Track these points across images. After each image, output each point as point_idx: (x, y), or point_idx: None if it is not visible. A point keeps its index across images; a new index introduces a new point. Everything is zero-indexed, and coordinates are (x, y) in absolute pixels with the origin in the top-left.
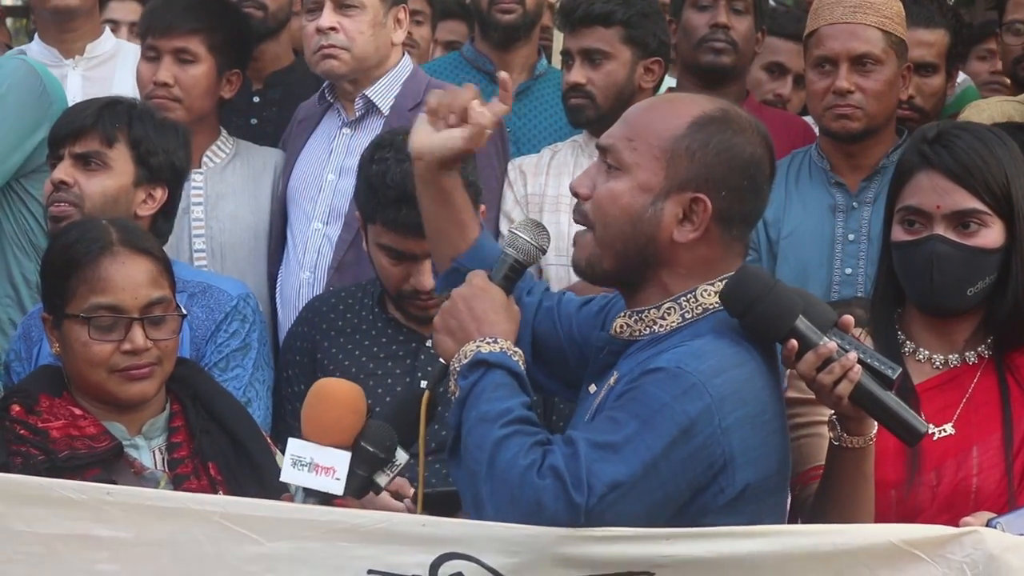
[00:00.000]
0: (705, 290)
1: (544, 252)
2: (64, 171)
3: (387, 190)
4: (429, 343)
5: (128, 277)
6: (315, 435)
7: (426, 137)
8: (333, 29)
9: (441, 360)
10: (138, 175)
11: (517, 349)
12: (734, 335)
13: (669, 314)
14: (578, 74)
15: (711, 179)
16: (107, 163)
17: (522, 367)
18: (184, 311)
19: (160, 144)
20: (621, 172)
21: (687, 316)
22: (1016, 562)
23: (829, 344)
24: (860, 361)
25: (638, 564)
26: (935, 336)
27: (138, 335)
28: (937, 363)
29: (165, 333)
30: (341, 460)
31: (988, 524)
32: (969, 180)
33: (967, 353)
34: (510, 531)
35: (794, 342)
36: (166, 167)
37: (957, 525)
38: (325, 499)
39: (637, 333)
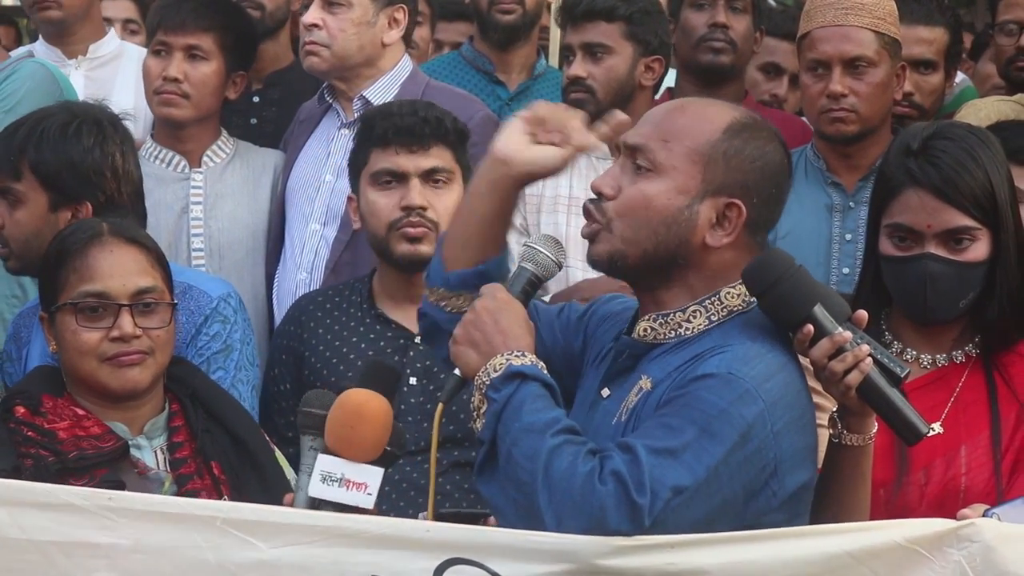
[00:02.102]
0: (728, 292)
1: (561, 267)
2: None
3: (382, 110)
4: (418, 339)
5: (116, 265)
6: (350, 454)
7: (521, 146)
8: (316, 26)
9: (456, 373)
10: (52, 199)
11: (542, 363)
12: (766, 338)
13: (695, 317)
14: (579, 68)
15: (745, 185)
16: (19, 197)
17: (552, 380)
18: (173, 301)
19: (65, 160)
20: (654, 173)
21: (713, 319)
22: (1013, 552)
23: (845, 333)
24: (871, 355)
25: (646, 573)
26: (922, 338)
27: (126, 322)
28: (925, 363)
29: (155, 322)
30: (374, 476)
31: (984, 515)
32: (958, 198)
33: (954, 352)
34: (515, 537)
35: (810, 327)
36: (79, 181)
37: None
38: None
39: (662, 336)
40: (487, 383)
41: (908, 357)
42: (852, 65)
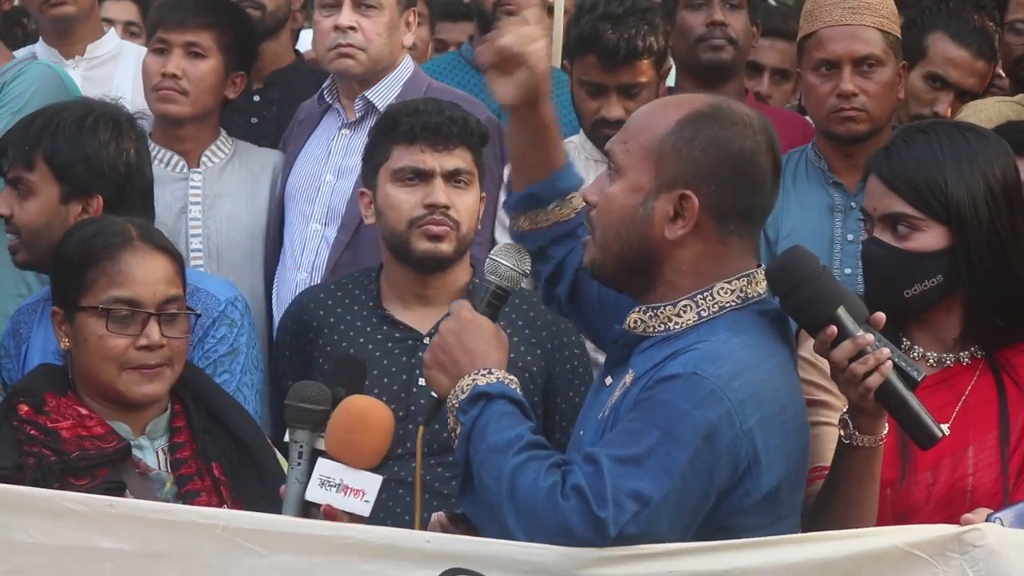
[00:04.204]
0: (722, 288)
1: (527, 275)
2: (3, 201)
3: (407, 106)
4: (427, 340)
5: (147, 272)
6: (351, 460)
7: (506, 89)
8: (352, 28)
9: (434, 395)
10: (64, 191)
11: (512, 377)
12: (750, 335)
13: (685, 312)
14: (618, 109)
15: (698, 174)
16: (31, 187)
17: (520, 394)
18: (197, 311)
19: (80, 152)
20: (617, 175)
21: (703, 314)
22: (1016, 557)
23: (867, 335)
24: (889, 358)
25: None
26: (923, 333)
27: (154, 331)
28: (931, 361)
29: (177, 332)
30: (372, 483)
31: (987, 520)
32: (897, 184)
33: (961, 354)
34: (516, 549)
35: (834, 328)
36: (93, 174)
37: (955, 522)
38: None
39: (651, 329)
40: (456, 406)
41: (915, 355)
42: (862, 64)
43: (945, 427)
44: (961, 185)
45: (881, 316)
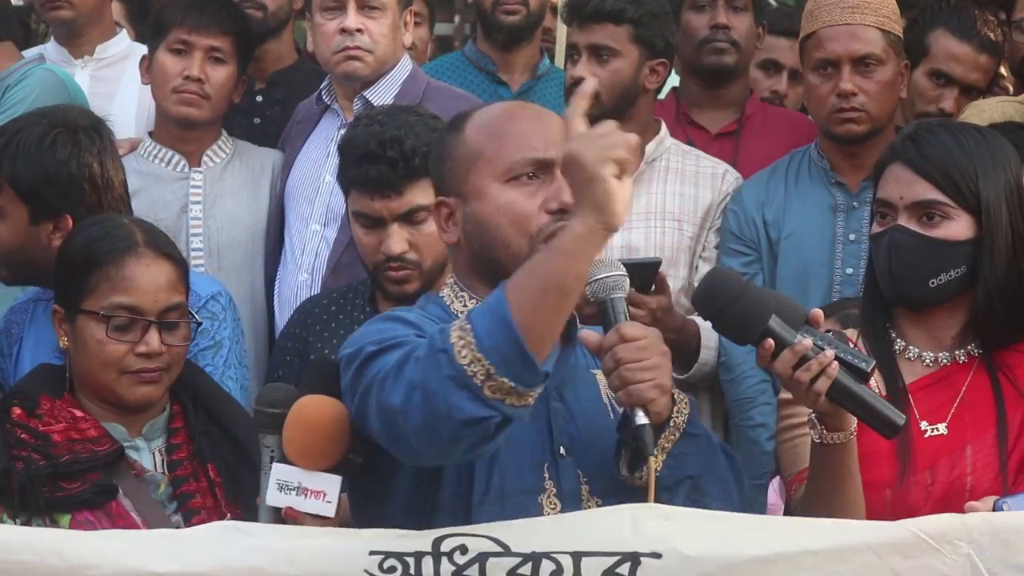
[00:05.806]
0: None
1: None
2: None
3: (353, 150)
4: None
5: (151, 279)
6: (303, 462)
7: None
8: (359, 31)
9: (642, 423)
10: (32, 213)
11: None
12: None
13: None
14: (584, 70)
15: None
16: (0, 210)
17: None
18: (199, 320)
19: (41, 173)
20: None
21: None
22: (1023, 543)
23: (804, 341)
24: (835, 357)
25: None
26: (920, 332)
27: (154, 338)
28: (927, 360)
29: (178, 339)
30: (331, 484)
31: (995, 506)
32: (930, 171)
33: (957, 352)
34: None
35: (771, 341)
36: (58, 196)
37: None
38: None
39: None
40: (686, 420)
41: (911, 355)
42: (861, 63)
43: (942, 426)
44: (989, 177)
45: (819, 314)
